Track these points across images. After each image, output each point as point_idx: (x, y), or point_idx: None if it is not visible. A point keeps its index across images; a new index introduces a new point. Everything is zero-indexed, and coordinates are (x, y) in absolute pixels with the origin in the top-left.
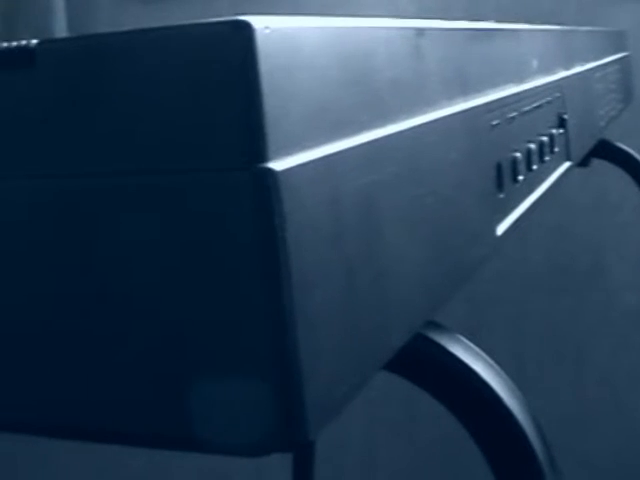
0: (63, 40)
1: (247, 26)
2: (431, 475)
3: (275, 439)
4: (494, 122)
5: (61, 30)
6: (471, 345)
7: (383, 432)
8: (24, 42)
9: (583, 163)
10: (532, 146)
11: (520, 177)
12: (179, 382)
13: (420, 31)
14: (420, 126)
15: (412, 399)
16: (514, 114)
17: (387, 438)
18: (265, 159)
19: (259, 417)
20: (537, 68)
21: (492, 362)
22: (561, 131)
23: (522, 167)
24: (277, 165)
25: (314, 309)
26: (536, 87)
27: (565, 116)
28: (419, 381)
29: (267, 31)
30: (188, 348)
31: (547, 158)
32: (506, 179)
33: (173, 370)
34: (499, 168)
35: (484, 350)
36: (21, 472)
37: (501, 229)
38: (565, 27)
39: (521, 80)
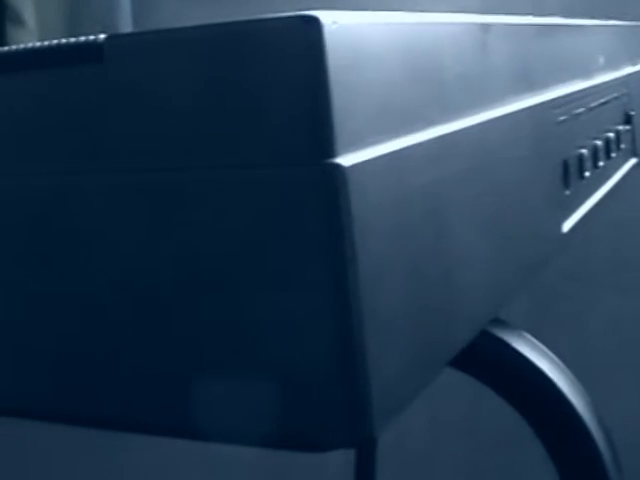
0: (131, 35)
1: (315, 21)
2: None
3: (341, 435)
4: (560, 118)
5: (126, 26)
6: (536, 342)
7: (444, 430)
8: (92, 37)
9: None
10: (598, 142)
11: (586, 173)
12: (245, 376)
13: (486, 27)
14: (486, 122)
15: (475, 396)
16: (580, 110)
17: (448, 436)
18: (333, 155)
19: (325, 413)
20: (603, 64)
21: (557, 360)
22: (627, 127)
23: (588, 163)
24: (345, 161)
25: (381, 305)
26: (602, 83)
27: (632, 112)
28: (484, 378)
29: (335, 26)
30: (256, 342)
31: (613, 154)
32: (572, 176)
33: (239, 364)
34: (565, 165)
35: (549, 347)
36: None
37: (567, 226)
38: (632, 23)
39: (587, 76)
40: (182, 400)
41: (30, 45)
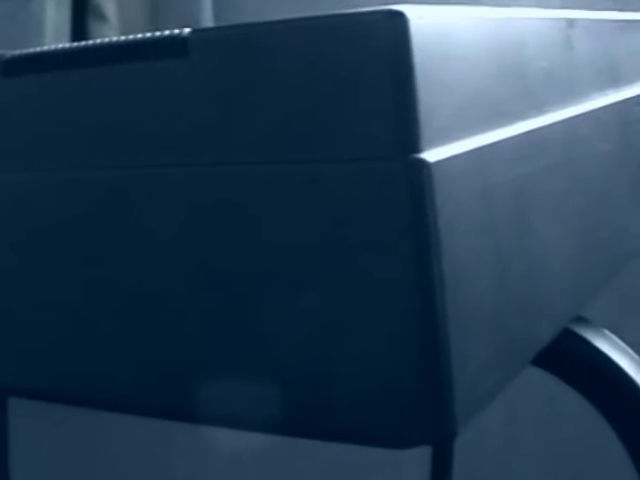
0: (215, 29)
1: (401, 16)
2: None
3: (423, 432)
4: None
5: (207, 20)
6: (618, 341)
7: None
8: (177, 32)
9: None
10: None
11: None
12: (326, 371)
13: (571, 22)
14: (572, 118)
15: (554, 395)
16: None
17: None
18: (418, 150)
19: (408, 409)
20: None
21: (639, 359)
22: None
23: None
24: (430, 156)
25: (465, 302)
26: None
27: None
28: (565, 377)
29: (421, 21)
30: (338, 337)
31: None
32: None
33: (322, 359)
34: None
35: (631, 346)
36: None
37: None
38: None
39: None
40: (269, 395)
41: (115, 39)
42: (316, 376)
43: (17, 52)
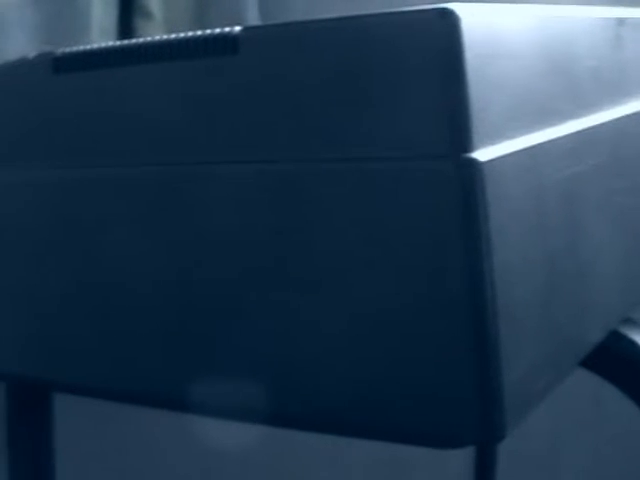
0: (265, 27)
1: (452, 14)
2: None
3: (472, 432)
4: None
5: (253, 17)
6: None
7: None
8: (227, 29)
9: None
10: None
11: None
12: (377, 372)
13: (621, 20)
14: (622, 117)
15: (600, 396)
16: None
17: (572, 436)
18: (470, 149)
19: (457, 410)
20: None
21: None
22: None
23: None
24: (481, 155)
25: (515, 302)
26: None
27: None
28: (611, 378)
29: (471, 19)
30: (387, 338)
31: None
32: None
33: (370, 360)
34: None
35: None
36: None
37: None
38: None
39: None
40: (321, 395)
41: (166, 37)
42: (367, 377)
43: (67, 49)
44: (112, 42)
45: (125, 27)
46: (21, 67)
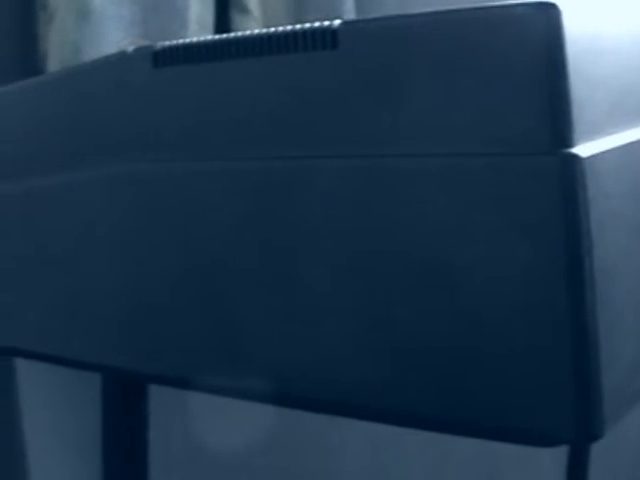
0: (364, 21)
1: (553, 7)
2: None
3: (570, 431)
4: None
5: (349, 11)
6: None
7: None
8: (327, 23)
9: None
10: None
11: None
12: (474, 367)
13: None
14: None
15: None
16: None
17: None
18: (571, 144)
19: (555, 408)
20: None
21: None
22: None
23: None
24: (582, 151)
25: (614, 300)
26: None
27: None
28: None
29: (572, 13)
30: (485, 333)
31: None
32: None
33: (469, 355)
34: None
35: None
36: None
37: None
38: None
39: None
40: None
41: (265, 31)
42: (464, 372)
43: (166, 43)
44: (211, 36)
45: (222, 22)
46: (120, 61)
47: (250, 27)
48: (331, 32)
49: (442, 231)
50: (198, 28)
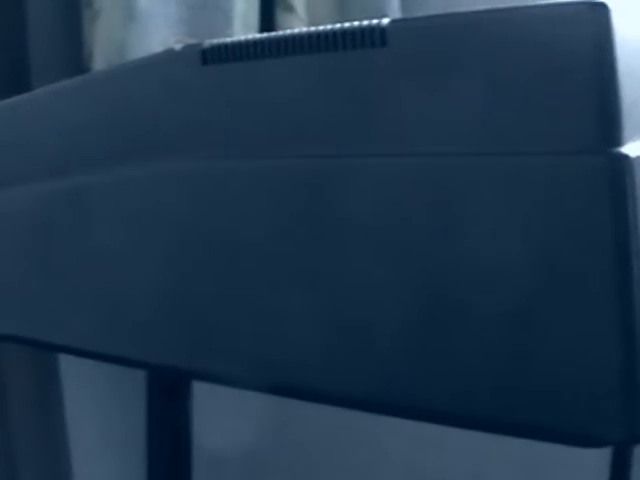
0: (413, 19)
1: (603, 6)
2: None
3: (615, 432)
4: None
5: (394, 10)
6: None
7: None
8: (376, 21)
9: None
10: None
11: None
12: (520, 367)
13: None
14: None
15: None
16: None
17: None
18: (620, 144)
19: (601, 408)
20: None
21: None
22: None
23: None
24: (631, 150)
25: None
26: None
27: None
28: None
29: (623, 12)
30: (532, 333)
31: None
32: None
33: (515, 355)
34: None
35: None
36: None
37: None
38: None
39: None
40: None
41: (314, 29)
42: (512, 373)
43: (215, 41)
44: (259, 34)
45: (266, 20)
46: (169, 59)
47: (294, 26)
48: (380, 30)
49: (493, 230)
50: (243, 26)
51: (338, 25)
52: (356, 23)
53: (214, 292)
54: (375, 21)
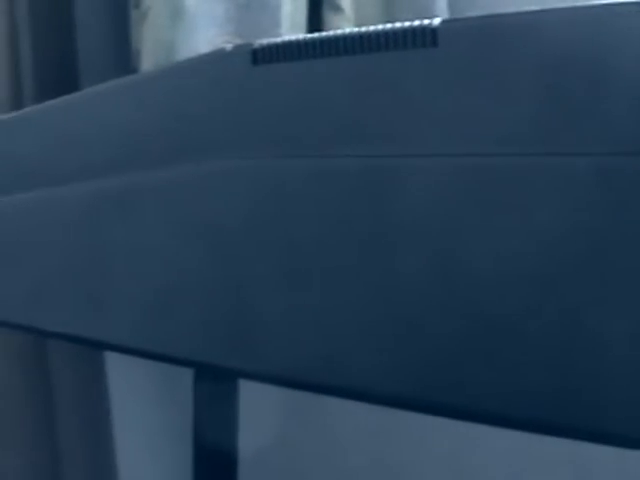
0: (464, 19)
1: None
2: None
3: None
4: None
5: (442, 10)
6: None
7: None
8: (427, 22)
9: None
10: None
11: None
12: (570, 366)
13: None
14: None
15: None
16: None
17: None
18: None
19: None
20: None
21: None
22: None
23: None
24: None
25: None
26: None
27: None
28: None
29: None
30: (581, 336)
31: None
32: None
33: (565, 355)
34: None
35: None
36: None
37: None
38: None
39: None
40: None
41: (365, 29)
42: (558, 374)
43: (265, 41)
44: (310, 34)
45: (314, 20)
46: (219, 59)
47: (342, 26)
48: (431, 30)
49: (545, 231)
50: (290, 26)
51: (389, 25)
52: (407, 23)
53: (263, 290)
54: (426, 21)
